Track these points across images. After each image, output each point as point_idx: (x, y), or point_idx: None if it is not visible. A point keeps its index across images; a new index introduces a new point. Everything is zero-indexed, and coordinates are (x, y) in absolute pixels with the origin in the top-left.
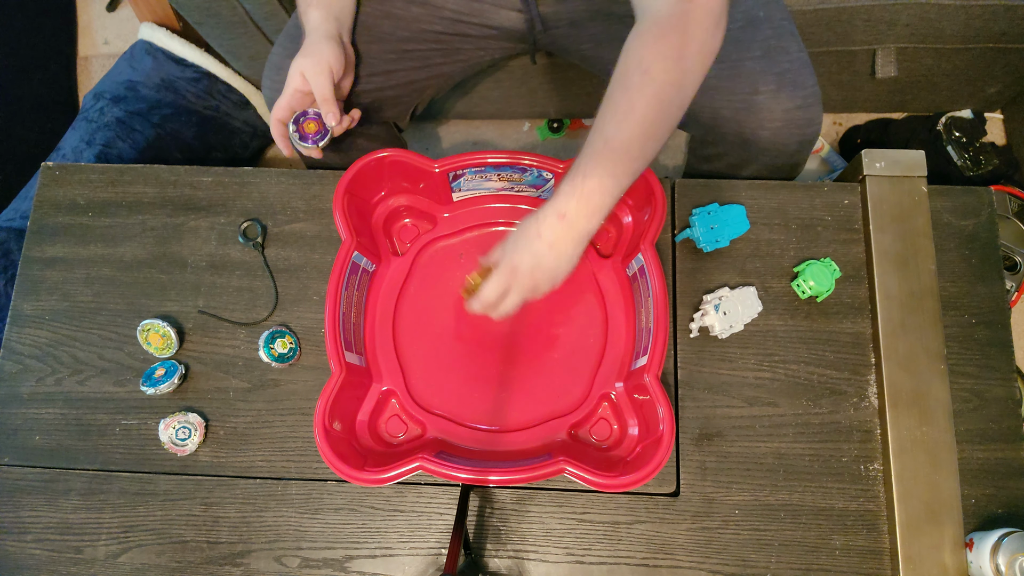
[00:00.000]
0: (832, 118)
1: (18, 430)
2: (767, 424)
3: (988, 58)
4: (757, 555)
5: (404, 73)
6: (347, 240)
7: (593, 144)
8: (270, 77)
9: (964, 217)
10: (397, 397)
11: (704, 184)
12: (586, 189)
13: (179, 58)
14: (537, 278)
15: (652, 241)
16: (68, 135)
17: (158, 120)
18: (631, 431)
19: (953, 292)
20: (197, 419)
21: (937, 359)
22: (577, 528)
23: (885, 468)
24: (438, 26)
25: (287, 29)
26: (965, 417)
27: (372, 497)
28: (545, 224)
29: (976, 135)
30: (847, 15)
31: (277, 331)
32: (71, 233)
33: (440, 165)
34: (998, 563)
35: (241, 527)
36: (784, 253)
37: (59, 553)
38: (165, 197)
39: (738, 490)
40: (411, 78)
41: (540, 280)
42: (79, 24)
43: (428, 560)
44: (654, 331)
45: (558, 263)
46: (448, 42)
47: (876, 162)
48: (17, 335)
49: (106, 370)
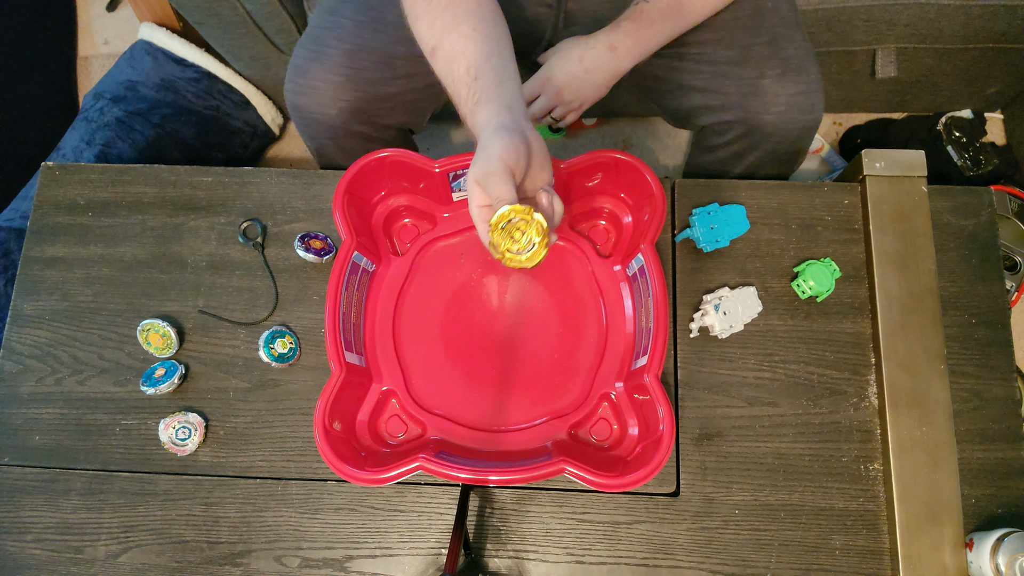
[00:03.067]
0: (832, 118)
1: (18, 430)
2: (767, 424)
3: (988, 58)
4: (757, 555)
5: (426, 76)
6: (347, 240)
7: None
8: (293, 80)
9: (964, 217)
10: (397, 397)
11: (704, 184)
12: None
13: (179, 58)
14: (565, 95)
15: (652, 241)
16: (68, 135)
17: (158, 120)
18: (631, 431)
19: (953, 292)
20: (197, 419)
21: (937, 359)
22: (577, 528)
23: (885, 468)
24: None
25: (309, 31)
26: (965, 417)
27: (372, 497)
28: (592, 51)
29: (976, 135)
30: (847, 15)
31: (277, 331)
32: (71, 233)
33: (440, 165)
34: (998, 563)
35: (241, 527)
36: (784, 253)
37: (59, 553)
38: (165, 197)
39: (738, 490)
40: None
41: (568, 97)
42: (79, 24)
43: (428, 560)
44: (654, 331)
45: (589, 88)
46: None
47: (876, 162)
48: (17, 335)
49: (106, 370)
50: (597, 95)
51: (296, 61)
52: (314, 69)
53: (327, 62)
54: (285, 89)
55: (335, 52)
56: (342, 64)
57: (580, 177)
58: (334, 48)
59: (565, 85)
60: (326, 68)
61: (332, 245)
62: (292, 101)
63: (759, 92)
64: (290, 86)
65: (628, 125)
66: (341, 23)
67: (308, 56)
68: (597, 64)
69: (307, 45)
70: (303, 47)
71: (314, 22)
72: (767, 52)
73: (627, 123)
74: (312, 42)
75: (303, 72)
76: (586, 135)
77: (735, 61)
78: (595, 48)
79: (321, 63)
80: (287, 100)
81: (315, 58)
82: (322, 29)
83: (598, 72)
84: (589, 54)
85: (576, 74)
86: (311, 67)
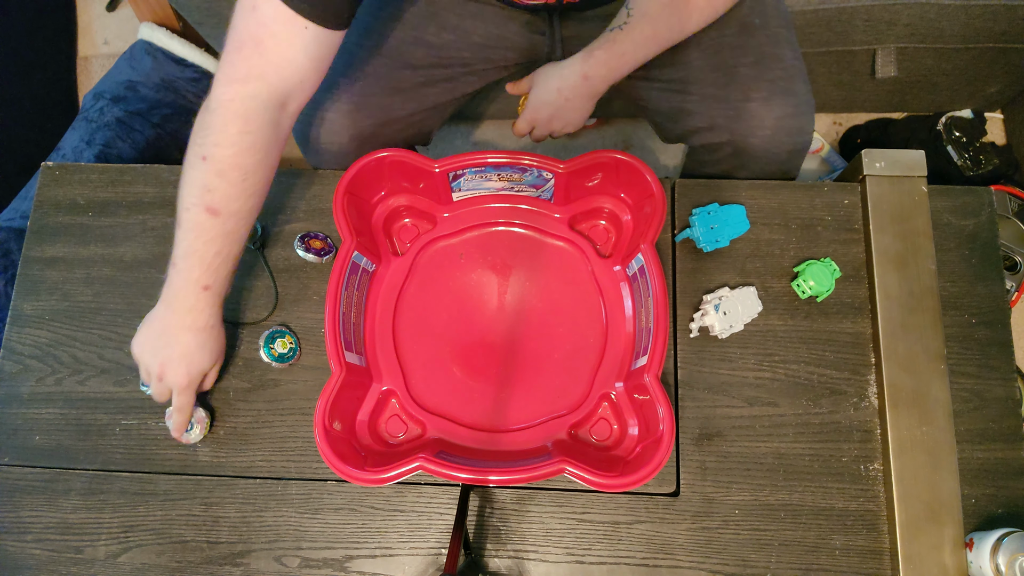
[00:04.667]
0: (832, 118)
1: (18, 430)
2: (767, 424)
3: (988, 58)
4: (757, 555)
5: (432, 97)
6: (347, 240)
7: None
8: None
9: (964, 217)
10: (397, 397)
11: (704, 184)
12: (617, 62)
13: (179, 58)
14: (554, 124)
15: (652, 241)
16: (68, 135)
17: (158, 120)
18: (631, 431)
19: (953, 292)
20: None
21: (937, 359)
22: (577, 528)
23: (885, 468)
24: (466, 52)
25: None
26: (965, 417)
27: (372, 497)
28: (567, 82)
29: (976, 135)
30: (847, 15)
31: (277, 331)
32: (71, 233)
33: (440, 165)
34: (998, 563)
35: (241, 527)
36: (784, 253)
37: (59, 553)
38: (165, 197)
39: (738, 490)
40: (437, 101)
41: (557, 125)
42: (79, 24)
43: (428, 560)
44: (654, 331)
45: (572, 113)
46: (472, 64)
47: (876, 162)
48: (17, 335)
49: (106, 370)
50: (583, 115)
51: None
52: (324, 100)
53: (336, 91)
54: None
55: (343, 80)
56: (352, 92)
57: (580, 177)
58: (343, 77)
59: (551, 116)
60: (336, 98)
61: (332, 245)
62: (303, 132)
63: (745, 115)
64: (301, 117)
65: (628, 125)
66: (346, 48)
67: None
68: (574, 93)
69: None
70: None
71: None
72: (753, 74)
73: (627, 123)
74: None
75: (312, 102)
76: (586, 135)
77: (721, 83)
78: (569, 78)
79: (331, 93)
80: (296, 131)
81: (324, 87)
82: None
83: (576, 99)
84: (565, 85)
85: (558, 104)
86: (320, 97)
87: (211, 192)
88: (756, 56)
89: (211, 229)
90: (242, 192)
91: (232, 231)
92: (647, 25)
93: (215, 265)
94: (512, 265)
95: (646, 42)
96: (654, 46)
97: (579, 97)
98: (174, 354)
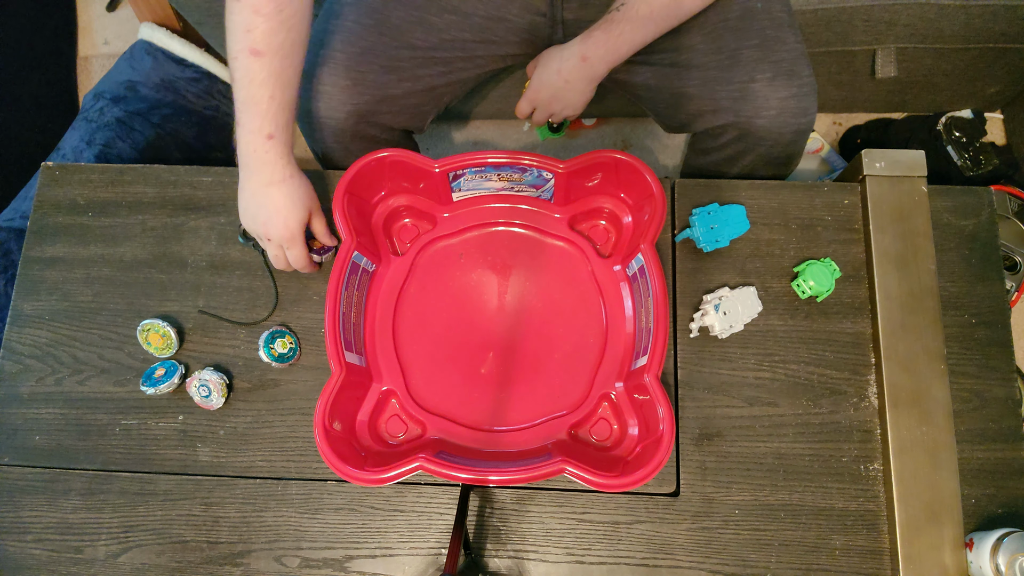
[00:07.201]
0: (832, 118)
1: (18, 430)
2: (767, 424)
3: (988, 58)
4: (757, 555)
5: (428, 79)
6: (347, 240)
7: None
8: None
9: (964, 217)
10: (397, 397)
11: (704, 184)
12: (616, 43)
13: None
14: (554, 106)
15: (652, 241)
16: (68, 135)
17: (158, 120)
18: (631, 431)
19: (953, 292)
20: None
21: (937, 359)
22: (577, 528)
23: (885, 468)
24: (467, 33)
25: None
26: (965, 417)
27: (372, 497)
28: (567, 64)
29: (976, 135)
30: (847, 15)
31: (277, 331)
32: (71, 233)
33: (440, 165)
34: (998, 563)
35: (241, 527)
36: (784, 253)
37: (59, 553)
38: (165, 197)
39: (738, 490)
40: (433, 83)
41: (557, 107)
42: (79, 24)
43: (428, 560)
44: (654, 331)
45: (573, 95)
46: (472, 48)
47: (876, 162)
48: (17, 335)
49: (106, 370)
50: (583, 99)
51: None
52: (321, 73)
53: (334, 66)
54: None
55: (341, 56)
56: (349, 68)
57: (580, 177)
58: (340, 52)
59: (551, 98)
60: (333, 72)
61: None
62: (304, 107)
63: (749, 96)
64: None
65: (628, 125)
66: (346, 26)
67: (314, 60)
68: (574, 75)
69: (312, 49)
70: (309, 51)
71: (318, 26)
72: (757, 55)
73: (627, 123)
74: (318, 46)
75: (310, 76)
76: (586, 135)
77: (725, 66)
78: (569, 60)
79: (328, 67)
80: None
81: (322, 62)
82: (327, 33)
83: (577, 81)
84: (565, 66)
85: (558, 85)
86: (318, 71)
87: (251, 32)
88: (759, 39)
89: (260, 71)
90: (280, 25)
91: (279, 71)
92: (643, 5)
93: (272, 111)
94: (512, 265)
95: (644, 22)
96: (652, 27)
97: (579, 79)
98: (268, 212)
